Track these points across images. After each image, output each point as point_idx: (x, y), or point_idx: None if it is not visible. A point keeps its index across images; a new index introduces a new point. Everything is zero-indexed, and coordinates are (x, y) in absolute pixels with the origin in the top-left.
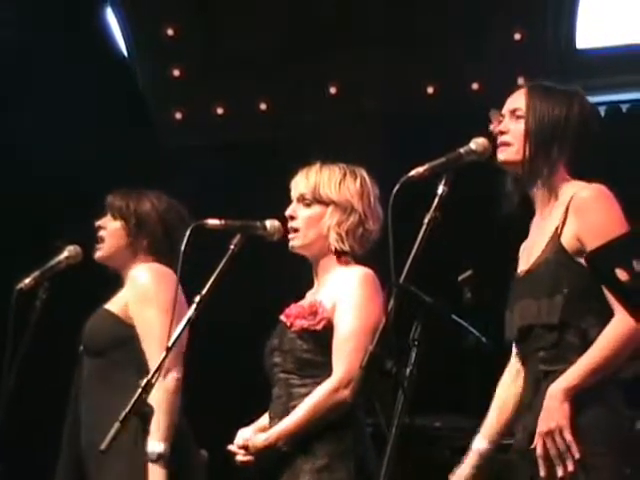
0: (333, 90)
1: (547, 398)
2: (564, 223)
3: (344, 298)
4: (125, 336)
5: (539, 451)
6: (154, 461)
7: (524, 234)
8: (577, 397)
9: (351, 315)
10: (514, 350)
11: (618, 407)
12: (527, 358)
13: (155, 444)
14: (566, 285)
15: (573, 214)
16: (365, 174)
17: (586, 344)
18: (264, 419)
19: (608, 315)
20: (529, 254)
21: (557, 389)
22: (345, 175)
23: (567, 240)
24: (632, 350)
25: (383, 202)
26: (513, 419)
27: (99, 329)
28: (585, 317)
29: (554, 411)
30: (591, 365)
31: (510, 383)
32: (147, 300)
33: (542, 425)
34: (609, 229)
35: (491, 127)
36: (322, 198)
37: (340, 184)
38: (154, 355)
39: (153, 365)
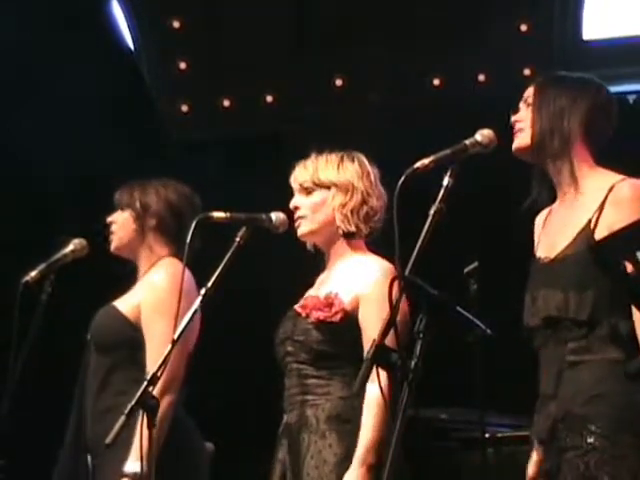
0: (339, 83)
1: None
2: (599, 216)
3: (370, 296)
4: (132, 338)
5: None
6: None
7: (531, 225)
8: (611, 390)
9: (379, 315)
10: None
11: None
12: (548, 346)
13: (135, 464)
14: (596, 280)
15: (611, 208)
16: (362, 157)
17: (616, 337)
18: None
19: None
20: (554, 241)
21: None
22: (342, 158)
23: (600, 233)
24: None
25: (389, 194)
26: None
27: (107, 327)
28: (614, 312)
29: None
30: None
31: None
32: (161, 309)
33: None
34: None
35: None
36: (322, 182)
37: (338, 166)
38: (155, 364)
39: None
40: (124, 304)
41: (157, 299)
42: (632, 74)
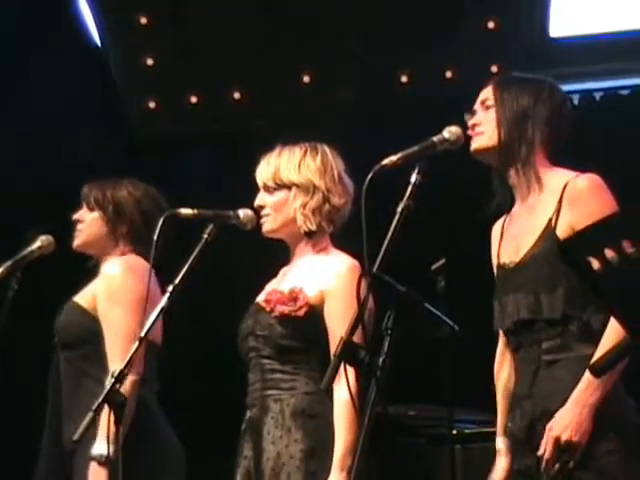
0: (307, 79)
1: (574, 406)
2: (558, 214)
3: (335, 291)
4: (94, 330)
5: (547, 455)
6: (101, 463)
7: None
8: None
9: (345, 311)
10: (502, 340)
11: (621, 392)
12: (522, 348)
13: (103, 446)
14: (565, 278)
15: (568, 204)
16: (327, 149)
17: (588, 333)
18: None
19: None
20: (517, 245)
21: (586, 402)
22: (305, 154)
23: (562, 231)
24: None
25: (357, 191)
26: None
27: (69, 322)
28: (586, 307)
29: (581, 425)
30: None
31: (510, 373)
32: (115, 297)
33: (564, 432)
34: None
35: (468, 131)
36: (283, 182)
37: (300, 165)
38: (114, 352)
39: (112, 362)
40: (83, 298)
41: (110, 288)
42: (599, 72)
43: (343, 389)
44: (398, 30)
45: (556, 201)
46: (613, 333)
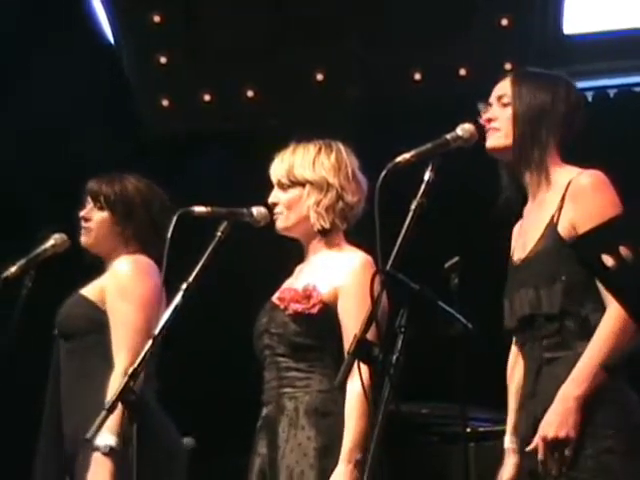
0: (319, 77)
1: (560, 401)
2: (560, 210)
3: (349, 288)
4: (98, 321)
5: (540, 456)
6: (105, 454)
7: (512, 220)
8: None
9: (358, 307)
10: (515, 340)
11: (624, 388)
12: (527, 346)
13: (109, 437)
14: (564, 273)
15: (570, 201)
16: (341, 146)
17: (587, 330)
18: None
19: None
20: (525, 242)
21: (570, 395)
22: (320, 151)
23: (563, 227)
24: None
25: (370, 188)
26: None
27: (73, 313)
28: (585, 304)
29: (567, 419)
30: (594, 364)
31: (522, 373)
32: (125, 294)
33: (549, 429)
34: (606, 216)
35: (480, 120)
36: (297, 179)
37: (314, 162)
38: (120, 347)
39: (117, 356)
40: (89, 291)
41: (121, 284)
42: (613, 68)
43: (356, 384)
44: (409, 28)
45: (560, 198)
46: (610, 322)
